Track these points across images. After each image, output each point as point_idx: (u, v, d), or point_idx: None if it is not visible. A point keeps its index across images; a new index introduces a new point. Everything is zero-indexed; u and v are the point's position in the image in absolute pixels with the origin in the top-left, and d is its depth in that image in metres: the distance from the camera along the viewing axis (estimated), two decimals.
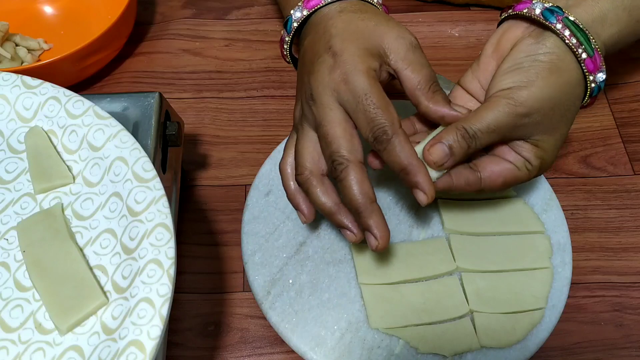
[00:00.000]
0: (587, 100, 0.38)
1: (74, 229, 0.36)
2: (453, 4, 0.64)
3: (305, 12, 0.40)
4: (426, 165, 0.36)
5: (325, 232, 0.44)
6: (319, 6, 0.40)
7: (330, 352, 0.38)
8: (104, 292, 0.33)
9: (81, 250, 0.35)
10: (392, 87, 0.57)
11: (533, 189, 0.46)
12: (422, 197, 0.36)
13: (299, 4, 0.41)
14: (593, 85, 0.37)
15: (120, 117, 0.41)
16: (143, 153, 0.37)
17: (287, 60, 0.44)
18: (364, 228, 0.37)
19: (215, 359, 0.43)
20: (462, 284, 0.41)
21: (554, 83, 0.36)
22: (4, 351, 0.31)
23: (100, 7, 0.62)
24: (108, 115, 0.39)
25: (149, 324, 0.31)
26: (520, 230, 0.44)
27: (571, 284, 0.42)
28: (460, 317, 0.40)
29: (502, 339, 0.39)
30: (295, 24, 0.41)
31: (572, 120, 0.38)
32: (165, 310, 0.31)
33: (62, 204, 0.37)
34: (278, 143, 0.48)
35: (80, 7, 0.64)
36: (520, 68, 0.37)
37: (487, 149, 0.39)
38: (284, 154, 0.41)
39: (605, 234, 0.49)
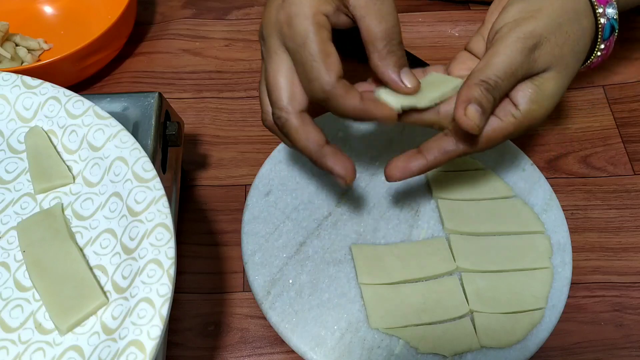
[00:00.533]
0: (600, 44, 0.36)
1: (74, 229, 0.36)
2: (454, 1, 0.64)
3: None
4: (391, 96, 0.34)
5: (325, 232, 0.44)
6: None
7: (330, 352, 0.38)
8: (104, 292, 0.33)
9: (81, 250, 0.35)
10: None
11: (533, 189, 0.46)
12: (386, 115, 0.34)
13: None
14: (603, 20, 0.35)
15: (120, 117, 0.41)
16: (143, 153, 0.37)
17: None
18: (326, 172, 0.35)
19: (215, 359, 0.43)
20: (462, 284, 0.41)
21: (560, 8, 0.34)
22: (4, 351, 0.31)
23: (100, 7, 0.62)
24: (108, 115, 0.39)
25: (149, 324, 0.31)
26: (520, 230, 0.44)
27: (571, 284, 0.42)
28: (460, 317, 0.40)
29: (502, 339, 0.39)
30: None
31: (581, 60, 0.36)
32: (165, 310, 0.31)
33: (62, 204, 0.37)
34: (278, 143, 0.48)
35: (80, 7, 0.64)
36: None
37: None
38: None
39: (605, 234, 0.49)
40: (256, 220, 0.44)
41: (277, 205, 0.45)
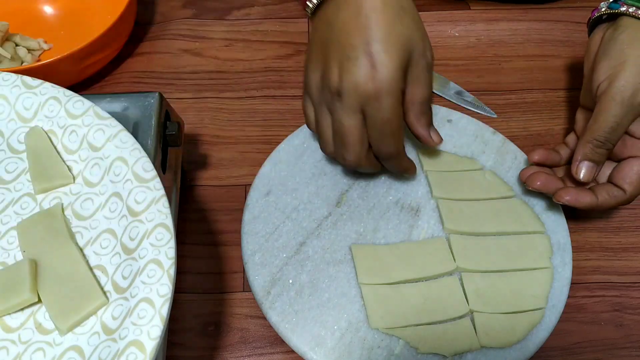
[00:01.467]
0: None
1: (74, 229, 0.36)
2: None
3: None
4: None
5: (325, 232, 0.44)
6: None
7: (330, 352, 0.38)
8: (104, 292, 0.33)
9: (81, 250, 0.35)
10: None
11: None
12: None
13: None
14: None
15: (120, 117, 0.41)
16: (143, 153, 0.37)
17: (308, 11, 0.41)
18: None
19: (215, 359, 0.43)
20: (462, 284, 0.41)
21: (638, 54, 0.39)
22: (4, 351, 0.31)
23: (100, 7, 0.62)
24: (108, 115, 0.39)
25: (149, 324, 0.31)
26: (520, 230, 0.44)
27: (571, 284, 0.42)
28: (460, 317, 0.40)
29: (502, 339, 0.39)
30: None
31: None
32: (165, 310, 0.31)
33: (62, 204, 0.37)
34: (278, 143, 0.48)
35: (80, 7, 0.64)
36: (606, 52, 0.41)
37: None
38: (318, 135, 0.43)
39: (605, 234, 0.49)
40: (256, 220, 0.44)
41: (277, 205, 0.45)
